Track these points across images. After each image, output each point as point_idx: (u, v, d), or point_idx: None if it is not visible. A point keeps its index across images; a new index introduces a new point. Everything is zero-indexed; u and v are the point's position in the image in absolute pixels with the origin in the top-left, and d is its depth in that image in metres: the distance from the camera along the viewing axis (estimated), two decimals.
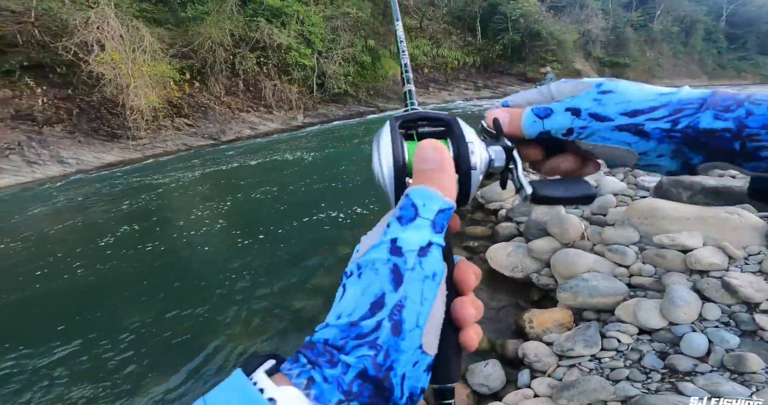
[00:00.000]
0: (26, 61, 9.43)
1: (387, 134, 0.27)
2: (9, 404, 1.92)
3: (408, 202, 0.22)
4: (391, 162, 0.26)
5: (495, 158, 0.29)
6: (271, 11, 14.13)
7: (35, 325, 2.63)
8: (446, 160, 0.24)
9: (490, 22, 20.92)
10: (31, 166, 8.58)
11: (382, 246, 0.21)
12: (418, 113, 0.30)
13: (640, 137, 0.26)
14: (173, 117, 11.06)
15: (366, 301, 0.20)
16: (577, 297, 2.11)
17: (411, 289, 0.20)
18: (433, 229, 0.21)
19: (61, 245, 4.17)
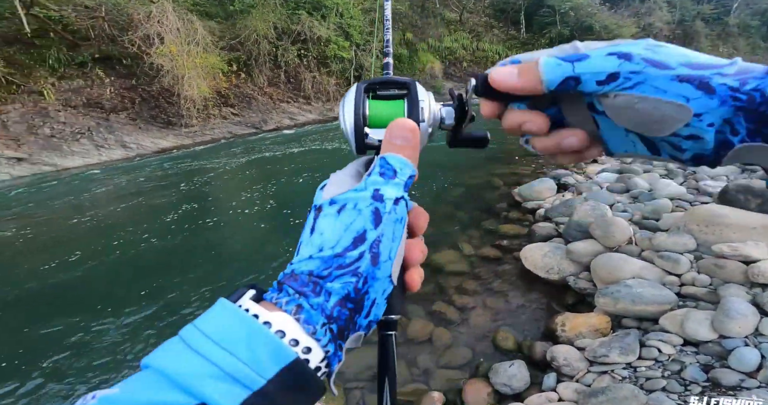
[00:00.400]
0: (97, 54, 10.41)
1: (353, 93, 0.32)
2: (90, 355, 2.27)
3: (388, 165, 0.26)
4: (352, 114, 0.31)
5: (446, 117, 0.33)
6: (313, 4, 14.39)
7: (96, 292, 3.02)
8: (417, 137, 0.28)
9: (535, 15, 19.96)
10: (99, 149, 9.55)
11: (365, 191, 0.24)
12: (383, 78, 0.35)
13: (703, 92, 0.21)
14: (221, 106, 11.76)
15: (350, 236, 0.23)
16: (617, 303, 2.09)
17: (387, 228, 0.23)
18: (404, 188, 0.26)
19: (121, 222, 4.69)
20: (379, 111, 0.32)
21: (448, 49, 18.01)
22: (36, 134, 9.06)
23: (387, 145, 0.27)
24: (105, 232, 4.33)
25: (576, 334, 2.06)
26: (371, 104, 0.32)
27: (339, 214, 0.24)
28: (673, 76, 0.22)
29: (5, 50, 9.46)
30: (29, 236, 4.37)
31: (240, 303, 0.21)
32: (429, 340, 2.20)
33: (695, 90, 0.21)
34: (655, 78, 0.22)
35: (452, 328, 2.26)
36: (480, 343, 2.15)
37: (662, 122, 0.22)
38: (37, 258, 3.70)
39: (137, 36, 10.13)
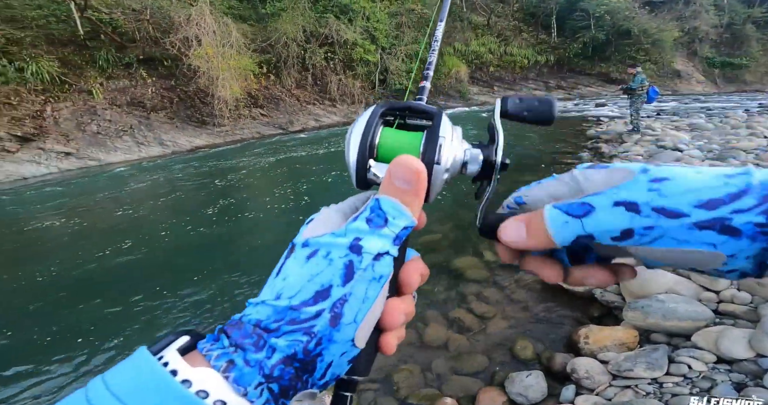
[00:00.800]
0: (141, 55, 11.12)
1: (366, 116, 0.28)
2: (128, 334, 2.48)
3: (380, 210, 0.22)
4: (359, 141, 0.26)
5: (470, 161, 0.27)
6: (340, 8, 14.72)
7: (136, 277, 3.27)
8: (421, 183, 0.23)
9: (568, 19, 19.43)
10: (139, 146, 10.21)
11: (343, 239, 0.21)
12: (406, 103, 0.29)
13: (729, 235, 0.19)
14: (251, 107, 12.25)
15: (312, 289, 0.20)
16: (647, 317, 2.05)
17: (357, 287, 0.20)
18: (394, 242, 0.22)
19: (158, 215, 5.02)
20: (390, 142, 0.28)
21: (474, 53, 17.88)
22: (84, 131, 9.81)
23: (386, 185, 0.24)
24: (144, 224, 4.66)
25: (600, 347, 2.01)
26: (384, 133, 0.28)
27: (307, 261, 0.21)
28: (689, 225, 0.20)
29: (61, 51, 10.31)
30: (75, 226, 4.78)
31: (163, 353, 0.19)
32: (445, 346, 2.22)
33: (718, 236, 0.20)
34: (671, 230, 0.20)
35: (469, 335, 2.28)
36: (497, 352, 2.17)
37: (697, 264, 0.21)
38: (82, 246, 4.05)
39: (177, 38, 10.75)
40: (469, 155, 0.27)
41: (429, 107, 0.29)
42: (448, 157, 0.26)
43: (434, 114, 0.28)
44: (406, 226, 0.23)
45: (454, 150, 0.26)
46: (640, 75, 6.68)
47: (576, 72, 19.79)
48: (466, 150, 0.27)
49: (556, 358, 2.00)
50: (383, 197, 0.23)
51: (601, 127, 8.61)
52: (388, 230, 0.22)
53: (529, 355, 2.07)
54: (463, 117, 13.15)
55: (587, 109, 13.07)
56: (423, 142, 0.26)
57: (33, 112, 9.31)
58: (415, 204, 0.23)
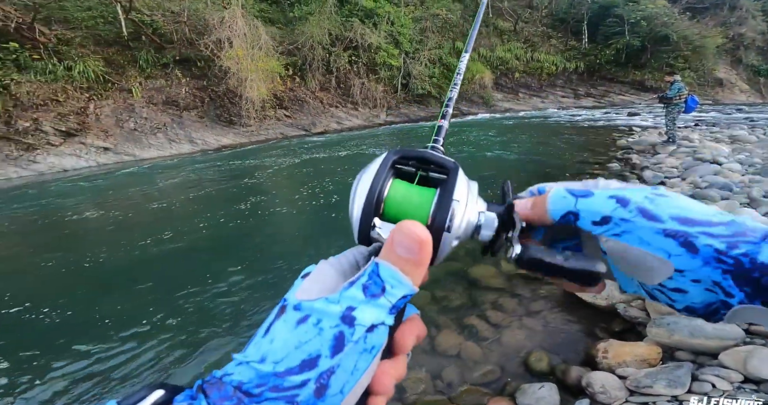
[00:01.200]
0: (177, 56, 11.74)
1: (376, 164, 0.26)
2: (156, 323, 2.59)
3: (378, 278, 0.21)
4: (365, 194, 0.25)
5: (483, 225, 0.25)
6: (365, 12, 14.97)
7: (156, 269, 3.43)
8: (425, 253, 0.22)
9: (601, 25, 18.82)
10: (171, 143, 10.74)
11: (336, 306, 0.20)
12: (420, 153, 0.27)
13: (686, 250, 0.21)
14: (276, 108, 12.64)
15: (298, 357, 0.19)
16: (672, 334, 1.97)
17: (346, 359, 0.19)
18: (390, 311, 0.21)
19: (187, 209, 5.25)
20: (399, 198, 0.25)
21: (500, 59, 17.65)
22: (122, 127, 10.44)
23: (387, 250, 0.22)
24: (173, 217, 4.89)
25: (619, 362, 1.95)
26: (393, 187, 0.26)
27: (297, 327, 0.20)
28: (659, 230, 0.22)
29: (106, 51, 11.05)
30: (110, 218, 5.08)
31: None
32: (457, 354, 2.19)
33: (678, 247, 0.21)
34: (641, 228, 0.22)
35: (483, 344, 2.24)
36: (511, 362, 2.12)
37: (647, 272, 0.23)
38: (114, 237, 4.30)
39: (211, 40, 11.27)
40: (484, 219, 0.25)
41: (445, 160, 0.27)
42: (460, 224, 0.24)
43: (450, 168, 0.26)
44: (406, 295, 0.22)
45: (467, 214, 0.25)
46: (678, 83, 6.36)
47: (607, 79, 19.10)
48: (480, 213, 0.25)
49: (571, 372, 1.94)
50: (383, 264, 0.22)
51: (633, 137, 8.24)
52: (384, 300, 0.21)
53: (543, 367, 2.02)
54: (486, 124, 12.99)
55: (618, 118, 12.57)
56: (434, 203, 0.25)
57: (77, 109, 10.01)
58: (417, 273, 0.22)
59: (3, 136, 9.04)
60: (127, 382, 2.01)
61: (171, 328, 2.44)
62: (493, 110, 16.47)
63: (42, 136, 9.41)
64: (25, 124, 9.28)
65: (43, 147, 9.38)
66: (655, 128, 9.17)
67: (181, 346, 2.27)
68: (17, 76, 9.37)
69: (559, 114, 15.02)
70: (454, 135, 10.39)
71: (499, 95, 17.36)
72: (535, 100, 17.86)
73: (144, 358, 2.19)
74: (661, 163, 5.52)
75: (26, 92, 9.37)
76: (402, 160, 0.27)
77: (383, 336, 0.21)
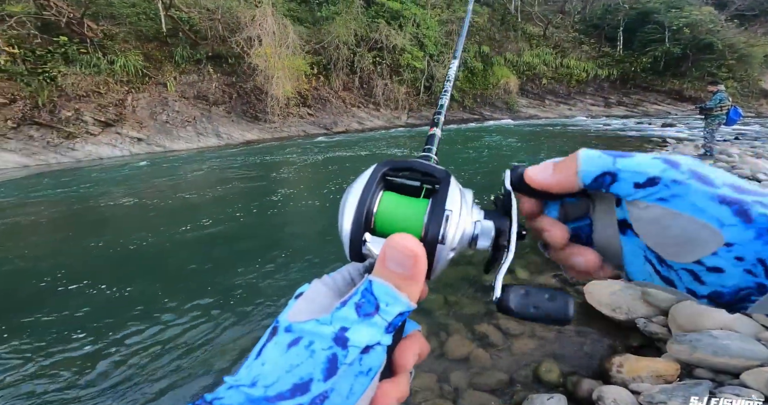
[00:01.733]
0: (210, 52, 12.21)
1: (365, 177, 0.25)
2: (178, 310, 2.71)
3: (371, 295, 0.20)
4: (354, 209, 0.24)
5: (480, 235, 0.24)
6: (391, 13, 15.04)
7: (178, 255, 3.57)
8: (420, 267, 0.21)
9: (638, 31, 18.05)
10: (199, 136, 11.19)
11: (328, 328, 0.19)
12: (409, 162, 0.26)
13: (741, 219, 0.19)
14: (300, 106, 12.92)
15: (290, 381, 0.18)
16: (694, 352, 1.89)
17: (341, 383, 0.19)
18: (386, 330, 0.20)
19: (208, 200, 5.44)
20: (390, 212, 0.24)
21: (527, 64, 17.28)
22: (155, 120, 10.97)
23: (379, 267, 0.21)
24: (197, 207, 5.09)
25: (633, 377, 1.89)
26: (384, 199, 0.25)
27: (288, 349, 0.19)
28: (714, 195, 0.19)
29: (146, 46, 11.65)
30: (138, 205, 5.35)
31: None
32: (466, 359, 2.17)
33: (732, 215, 0.19)
34: (695, 193, 0.20)
35: (493, 351, 2.21)
36: (520, 371, 2.08)
37: (688, 245, 0.20)
38: (141, 223, 4.52)
39: (242, 37, 11.65)
40: (480, 229, 0.24)
41: (436, 169, 0.26)
42: (455, 234, 0.23)
43: (442, 178, 0.25)
44: (402, 312, 0.21)
45: (462, 224, 0.23)
46: (720, 93, 6.00)
47: (642, 88, 18.30)
48: (476, 222, 0.24)
49: (582, 384, 1.90)
50: (376, 281, 0.21)
51: (666, 149, 7.87)
52: (379, 318, 0.20)
53: (553, 378, 1.97)
54: (508, 129, 12.75)
55: (651, 128, 12.01)
56: (426, 215, 0.23)
57: (116, 101, 10.61)
58: (413, 289, 0.21)
59: (46, 124, 9.70)
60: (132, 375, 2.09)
61: (185, 321, 2.54)
62: (517, 116, 16.14)
63: (82, 126, 10.03)
64: (68, 113, 9.92)
65: (82, 136, 10.00)
66: (691, 140, 8.71)
67: (193, 341, 2.36)
68: (64, 69, 10.04)
69: (587, 122, 14.52)
70: (473, 140, 10.27)
71: (523, 101, 17.01)
72: (561, 108, 17.37)
73: (153, 351, 2.29)
74: None
75: (71, 84, 10.01)
76: (391, 171, 0.26)
77: (380, 357, 0.20)
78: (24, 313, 2.60)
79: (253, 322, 2.43)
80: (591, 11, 20.33)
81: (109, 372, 2.04)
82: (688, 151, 7.05)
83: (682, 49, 16.91)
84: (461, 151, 8.59)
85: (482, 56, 16.53)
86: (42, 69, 9.77)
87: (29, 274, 3.21)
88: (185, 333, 2.33)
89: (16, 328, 2.44)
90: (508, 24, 18.50)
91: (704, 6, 18.16)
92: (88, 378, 2.01)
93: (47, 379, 2.02)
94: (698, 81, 17.07)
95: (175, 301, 2.68)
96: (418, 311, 2.46)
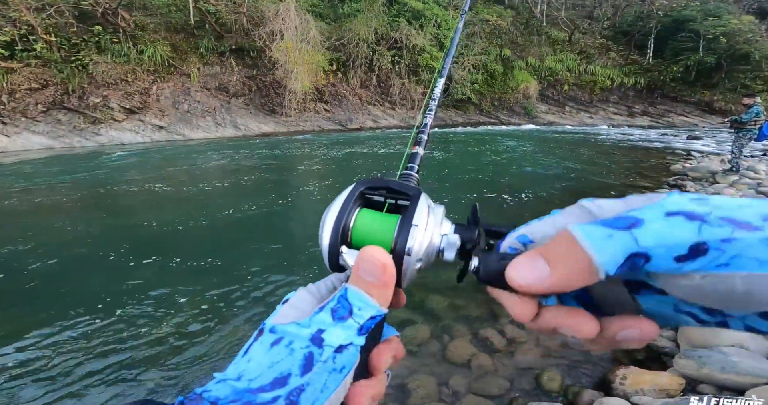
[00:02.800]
0: (233, 45, 12.44)
1: (344, 195, 0.28)
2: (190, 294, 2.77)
3: (346, 301, 0.23)
4: (332, 224, 0.26)
5: (445, 248, 0.25)
6: (413, 13, 14.98)
7: (189, 241, 3.64)
8: (388, 276, 0.23)
9: (671, 39, 17.37)
10: (217, 126, 11.42)
11: (306, 329, 0.22)
12: (385, 181, 0.29)
13: None
14: (316, 102, 13.03)
15: (270, 375, 0.20)
16: (702, 368, 1.85)
17: (316, 378, 0.21)
18: (359, 332, 0.22)
19: (223, 188, 5.55)
20: (365, 227, 0.27)
21: (549, 69, 16.94)
22: (177, 109, 11.26)
23: (353, 276, 0.24)
24: (211, 194, 5.21)
25: (636, 389, 1.87)
26: (360, 215, 0.27)
27: (271, 348, 0.22)
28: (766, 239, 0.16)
29: (174, 37, 11.96)
30: (155, 190, 5.50)
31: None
32: (467, 364, 2.15)
33: None
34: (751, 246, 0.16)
35: (495, 357, 2.18)
36: (521, 378, 2.05)
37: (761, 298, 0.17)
38: (157, 208, 4.66)
39: (265, 31, 11.82)
40: (446, 242, 0.25)
41: (408, 188, 0.28)
42: (420, 247, 0.25)
43: (412, 196, 0.27)
44: (374, 316, 0.23)
45: (428, 237, 0.25)
46: (757, 106, 5.70)
47: (670, 98, 17.66)
48: (443, 236, 0.26)
49: (583, 394, 1.87)
50: (350, 288, 0.23)
51: (690, 162, 7.58)
52: (352, 321, 0.22)
53: (554, 387, 1.95)
54: (525, 135, 12.53)
55: (676, 140, 11.60)
56: (396, 229, 0.26)
57: (142, 89, 10.94)
58: (383, 295, 0.23)
59: (75, 110, 10.09)
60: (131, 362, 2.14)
61: (183, 312, 2.60)
62: (535, 122, 15.85)
63: (108, 112, 10.39)
64: (96, 100, 10.29)
65: (107, 121, 10.35)
66: (718, 155, 8.37)
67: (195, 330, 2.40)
68: (96, 57, 10.42)
69: (609, 131, 14.12)
70: (486, 143, 10.14)
71: (543, 107, 16.69)
72: (582, 115, 16.97)
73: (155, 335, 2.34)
74: (719, 193, 5.03)
75: (101, 72, 10.38)
76: (369, 190, 0.29)
77: (353, 356, 0.22)
78: (26, 295, 2.68)
79: (252, 321, 2.45)
80: (621, 17, 19.75)
81: (104, 362, 2.05)
82: (713, 166, 6.79)
83: (717, 59, 16.20)
84: (469, 154, 8.50)
85: (503, 59, 16.29)
86: (75, 57, 10.17)
87: (33, 254, 3.32)
88: (183, 327, 2.37)
89: (16, 314, 2.54)
90: (532, 28, 18.17)
91: (744, 15, 17.37)
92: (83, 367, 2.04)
93: (41, 365, 2.04)
94: (730, 93, 16.36)
95: (177, 292, 2.73)
96: (423, 313, 2.45)
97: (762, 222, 0.16)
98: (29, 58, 9.72)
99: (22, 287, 2.76)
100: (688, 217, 0.17)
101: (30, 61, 9.73)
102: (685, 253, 0.16)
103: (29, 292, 2.69)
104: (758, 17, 18.07)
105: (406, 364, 2.14)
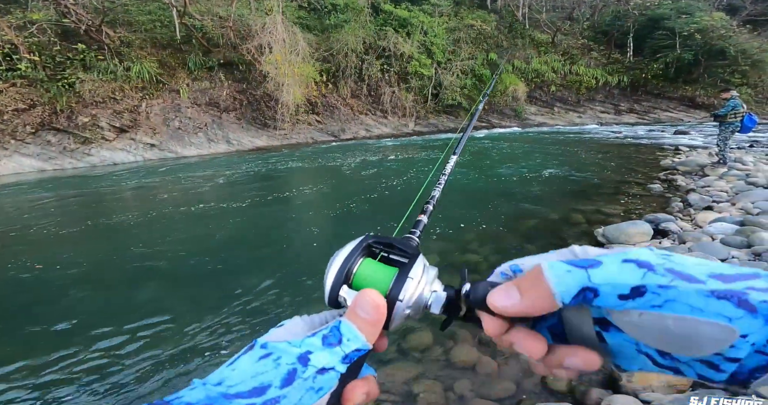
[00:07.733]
0: (222, 59, 12.50)
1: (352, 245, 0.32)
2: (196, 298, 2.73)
3: (337, 331, 0.25)
4: (338, 267, 0.30)
5: (432, 303, 0.29)
6: (399, 21, 15.23)
7: (184, 260, 3.60)
8: (380, 315, 0.26)
9: (648, 38, 17.86)
10: (210, 142, 11.39)
11: (296, 349, 0.23)
12: (391, 240, 0.33)
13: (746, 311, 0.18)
14: (308, 113, 13.09)
15: (251, 384, 0.21)
16: None
17: (293, 393, 0.22)
18: (343, 360, 0.24)
19: (217, 206, 5.52)
20: (366, 273, 0.31)
21: (535, 71, 17.26)
22: (168, 126, 11.22)
23: (349, 311, 0.27)
24: (206, 215, 5.17)
25: (644, 386, 1.85)
26: (363, 263, 0.31)
27: (258, 361, 0.23)
28: (706, 292, 0.19)
29: (161, 53, 11.99)
30: (148, 210, 5.45)
31: None
32: (472, 368, 2.13)
33: (736, 308, 0.18)
34: (687, 294, 0.19)
35: (501, 360, 2.16)
36: (528, 380, 2.03)
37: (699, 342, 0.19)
38: (150, 228, 4.60)
39: (253, 45, 11.90)
40: (434, 298, 0.29)
41: (409, 247, 0.32)
42: (411, 296, 0.28)
43: (411, 255, 0.31)
44: (359, 349, 0.25)
45: (420, 290, 0.29)
46: (734, 100, 5.89)
47: (653, 94, 18.04)
48: (433, 292, 0.30)
49: (591, 393, 1.86)
50: (344, 321, 0.26)
51: (679, 157, 7.72)
52: (339, 349, 0.24)
53: (561, 387, 1.95)
54: (516, 137, 12.68)
55: (663, 136, 11.81)
56: (394, 278, 0.29)
57: (131, 107, 10.90)
58: (371, 332, 0.26)
59: (64, 130, 10.00)
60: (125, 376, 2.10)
61: (184, 325, 2.55)
62: (525, 124, 16.07)
63: (98, 131, 10.32)
64: (85, 119, 10.22)
65: (98, 141, 10.27)
66: (705, 148, 8.55)
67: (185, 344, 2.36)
68: (82, 75, 10.38)
69: (597, 130, 14.36)
70: (479, 146, 10.23)
71: (532, 108, 16.95)
72: (571, 115, 17.25)
73: (141, 354, 2.29)
74: (710, 185, 5.12)
75: (88, 90, 10.34)
76: (374, 244, 0.33)
77: (332, 380, 0.23)
78: (25, 313, 2.64)
79: (245, 337, 2.41)
80: (600, 18, 20.30)
81: (99, 375, 2.03)
82: (701, 159, 6.92)
83: (694, 55, 16.67)
84: (466, 160, 8.56)
85: (490, 63, 16.58)
86: (61, 75, 10.12)
87: (33, 276, 3.27)
88: (176, 345, 2.32)
89: (14, 327, 2.47)
90: (516, 31, 18.57)
91: (715, 12, 17.95)
92: (82, 379, 2.02)
93: (38, 377, 2.02)
94: (711, 87, 16.76)
95: (174, 310, 2.68)
96: (425, 319, 2.43)
97: (706, 277, 0.19)
98: (14, 77, 9.65)
99: (14, 308, 2.70)
100: (639, 265, 0.20)
101: (15, 80, 9.66)
102: (627, 293, 0.20)
103: (22, 313, 2.63)
104: (728, 14, 18.67)
105: (411, 370, 2.12)
